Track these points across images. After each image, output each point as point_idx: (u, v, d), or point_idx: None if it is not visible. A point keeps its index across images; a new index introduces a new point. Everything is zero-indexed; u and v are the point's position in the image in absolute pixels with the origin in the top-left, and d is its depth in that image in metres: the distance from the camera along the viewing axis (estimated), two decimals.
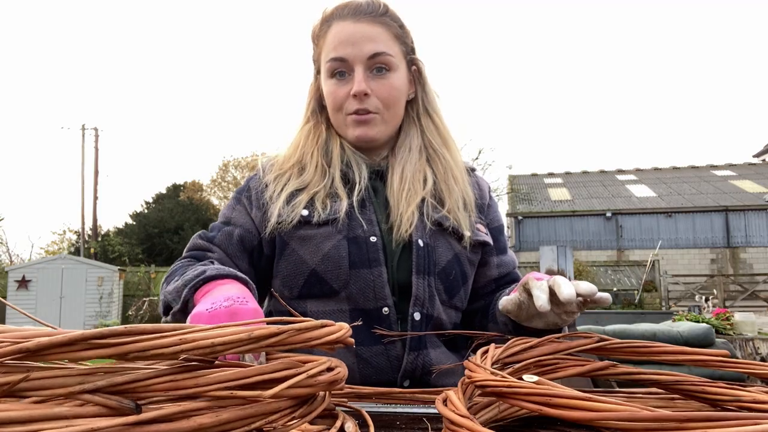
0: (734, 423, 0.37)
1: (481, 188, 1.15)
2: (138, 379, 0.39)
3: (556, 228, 20.09)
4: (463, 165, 1.12)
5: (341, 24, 1.01)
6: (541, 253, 4.94)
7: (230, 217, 1.07)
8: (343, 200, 0.99)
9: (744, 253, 18.79)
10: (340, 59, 1.01)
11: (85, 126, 23.49)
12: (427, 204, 1.02)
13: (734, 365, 0.61)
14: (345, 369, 0.53)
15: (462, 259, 1.02)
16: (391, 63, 1.02)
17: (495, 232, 1.12)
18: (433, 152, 1.08)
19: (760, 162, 24.69)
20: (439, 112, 1.12)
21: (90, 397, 0.38)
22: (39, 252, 24.05)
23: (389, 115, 1.04)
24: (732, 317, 6.35)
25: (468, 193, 1.08)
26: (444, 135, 1.10)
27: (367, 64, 1.01)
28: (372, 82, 1.01)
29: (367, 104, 1.01)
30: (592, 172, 25.79)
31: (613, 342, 0.65)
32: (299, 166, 1.06)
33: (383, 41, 1.01)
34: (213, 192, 28.65)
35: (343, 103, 1.02)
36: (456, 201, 1.04)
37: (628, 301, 14.47)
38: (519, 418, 0.61)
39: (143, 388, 0.39)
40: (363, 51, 1.00)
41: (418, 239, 0.98)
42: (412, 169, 1.04)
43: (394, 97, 1.03)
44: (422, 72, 1.10)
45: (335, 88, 1.03)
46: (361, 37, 1.00)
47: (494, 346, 0.63)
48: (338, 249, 0.96)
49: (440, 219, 1.01)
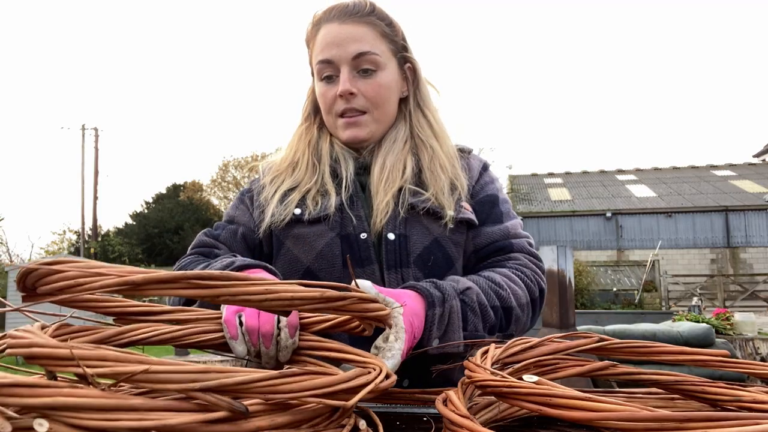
0: (734, 423, 0.37)
1: (471, 168, 1.11)
2: (244, 381, 0.42)
3: (556, 228, 20.09)
4: (455, 153, 1.09)
5: (328, 26, 1.02)
6: (540, 254, 4.93)
7: (234, 216, 1.10)
8: (332, 196, 1.00)
9: (744, 253, 18.78)
10: (327, 61, 1.01)
11: (85, 126, 23.52)
12: (404, 192, 1.00)
13: (734, 365, 0.61)
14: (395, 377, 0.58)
15: (443, 241, 1.00)
16: (377, 62, 1.02)
17: (482, 204, 1.07)
18: (420, 142, 1.07)
19: (760, 162, 24.69)
20: (432, 108, 1.12)
21: (203, 396, 0.40)
22: (39, 252, 24.06)
23: (379, 113, 1.04)
24: (732, 317, 6.35)
25: (460, 178, 1.05)
26: (435, 129, 1.09)
27: (352, 65, 1.01)
28: (359, 81, 1.01)
29: (354, 104, 1.02)
30: (592, 172, 25.79)
31: (613, 342, 0.65)
32: (293, 166, 1.08)
33: (368, 41, 1.01)
34: (213, 192, 28.66)
35: (332, 104, 1.03)
36: (441, 187, 1.01)
37: (628, 301, 14.47)
38: (519, 418, 0.61)
39: (245, 390, 0.42)
40: (348, 51, 1.00)
41: (388, 233, 0.98)
42: (393, 159, 1.03)
43: (381, 96, 1.03)
44: (417, 70, 1.10)
45: (325, 90, 1.04)
46: (345, 38, 1.00)
47: (494, 346, 0.63)
48: (331, 247, 0.97)
49: (415, 203, 0.99)
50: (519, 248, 1.03)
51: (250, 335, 0.70)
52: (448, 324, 0.87)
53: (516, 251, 1.03)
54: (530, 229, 19.48)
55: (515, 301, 0.94)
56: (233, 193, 28.30)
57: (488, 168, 1.15)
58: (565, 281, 4.87)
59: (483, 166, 1.15)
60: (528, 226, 19.54)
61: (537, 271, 1.01)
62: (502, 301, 0.93)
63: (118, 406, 0.37)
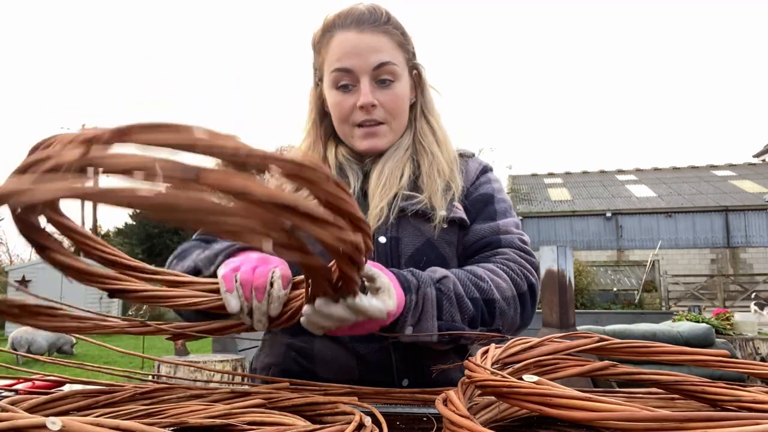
0: (734, 423, 0.36)
1: (468, 171, 1.11)
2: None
3: (556, 228, 20.08)
4: (455, 158, 1.09)
5: (345, 34, 1.00)
6: (540, 254, 4.93)
7: None
8: None
9: (744, 253, 18.77)
10: (346, 70, 1.00)
11: (85, 126, 23.47)
12: (398, 197, 1.00)
13: (734, 365, 0.61)
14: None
15: (436, 242, 1.00)
16: (395, 72, 1.02)
17: (475, 203, 1.07)
18: (420, 148, 1.07)
19: (760, 162, 24.67)
20: (435, 114, 1.12)
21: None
22: None
23: (396, 124, 1.05)
24: (732, 317, 6.35)
25: (456, 180, 1.05)
26: (438, 135, 1.09)
27: (372, 75, 1.00)
28: (378, 92, 1.01)
29: (374, 115, 1.01)
30: (592, 172, 25.77)
31: (613, 342, 0.65)
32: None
33: (387, 51, 1.01)
34: None
35: (349, 114, 1.02)
36: (436, 190, 1.01)
37: (628, 301, 14.46)
38: (519, 418, 0.61)
39: None
40: (368, 62, 0.99)
41: (379, 236, 0.98)
42: (392, 166, 1.03)
43: (399, 107, 1.04)
44: (422, 76, 1.10)
45: (341, 99, 1.02)
46: (365, 48, 0.99)
47: (494, 346, 0.63)
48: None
49: (405, 206, 0.99)
50: (507, 243, 1.01)
51: (243, 288, 0.75)
52: (422, 312, 0.85)
53: (504, 246, 1.01)
54: (530, 229, 19.48)
55: (498, 294, 0.92)
56: None
57: (488, 171, 1.14)
58: (565, 281, 4.86)
59: (482, 168, 1.13)
60: (528, 226, 19.55)
61: (525, 265, 0.99)
62: (482, 293, 0.91)
63: None
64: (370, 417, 0.57)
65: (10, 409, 0.48)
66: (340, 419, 0.54)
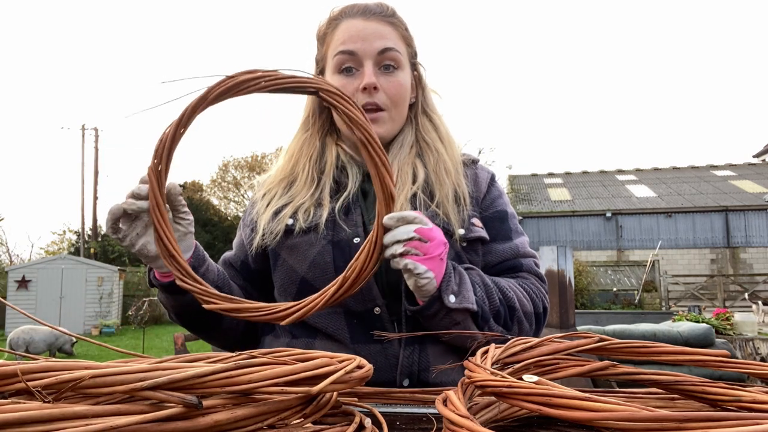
0: (734, 423, 0.36)
1: (478, 180, 1.11)
2: (196, 375, 0.40)
3: (556, 228, 20.07)
4: (460, 159, 1.10)
5: (351, 21, 1.03)
6: (540, 254, 4.93)
7: (234, 242, 1.17)
8: (326, 207, 1.01)
9: (744, 253, 18.77)
10: (350, 52, 1.01)
11: (85, 126, 23.50)
12: (419, 199, 1.00)
13: (734, 365, 0.61)
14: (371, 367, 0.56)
15: (459, 256, 1.00)
16: (399, 60, 1.03)
17: (492, 220, 1.08)
18: (425, 145, 1.08)
19: (760, 162, 24.68)
20: (437, 112, 1.13)
21: (152, 394, 0.39)
22: (39, 252, 24.07)
23: (396, 112, 1.05)
24: (732, 317, 6.35)
25: (461, 185, 1.05)
26: (441, 132, 1.10)
27: (376, 60, 1.01)
28: (381, 77, 1.02)
29: (376, 98, 1.01)
30: (592, 172, 25.76)
31: (613, 342, 0.65)
32: (290, 179, 1.08)
33: (392, 39, 1.03)
34: (213, 192, 28.62)
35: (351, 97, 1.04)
36: (446, 194, 1.02)
37: (628, 301, 14.45)
38: (519, 418, 0.61)
39: (200, 385, 0.41)
40: (373, 46, 1.01)
41: None
42: (400, 164, 1.04)
43: (401, 95, 1.04)
44: (422, 77, 1.12)
45: (344, 82, 1.02)
46: (371, 33, 1.01)
47: (494, 346, 0.63)
48: (323, 255, 0.98)
49: (429, 215, 0.99)
50: (527, 269, 1.06)
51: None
52: (460, 282, 0.89)
53: (525, 271, 1.06)
54: (530, 229, 19.48)
55: (518, 305, 0.96)
56: (233, 194, 28.29)
57: (495, 180, 1.16)
58: (565, 281, 4.86)
59: (491, 177, 1.15)
60: (528, 226, 19.55)
61: (542, 290, 1.05)
62: (506, 299, 0.95)
63: (62, 415, 0.36)
64: (370, 417, 0.57)
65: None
66: (340, 420, 0.54)
